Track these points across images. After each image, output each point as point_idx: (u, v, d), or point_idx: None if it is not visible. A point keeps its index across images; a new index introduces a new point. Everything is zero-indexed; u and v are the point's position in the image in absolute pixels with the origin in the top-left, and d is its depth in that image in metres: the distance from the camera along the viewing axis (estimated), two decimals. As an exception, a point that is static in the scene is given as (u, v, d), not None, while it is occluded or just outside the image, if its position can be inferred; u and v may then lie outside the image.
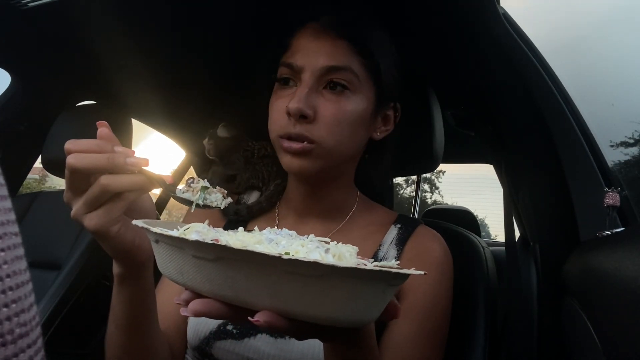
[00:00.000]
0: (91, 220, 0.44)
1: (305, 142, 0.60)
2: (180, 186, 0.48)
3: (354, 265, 0.32)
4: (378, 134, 0.70)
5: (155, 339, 0.57)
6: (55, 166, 1.29)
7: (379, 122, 0.70)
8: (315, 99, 0.61)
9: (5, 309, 0.16)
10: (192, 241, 0.32)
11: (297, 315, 0.33)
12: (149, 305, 0.54)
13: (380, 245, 0.68)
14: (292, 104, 0.59)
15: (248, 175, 0.80)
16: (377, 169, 0.74)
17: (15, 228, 0.18)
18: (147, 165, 0.44)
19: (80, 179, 0.44)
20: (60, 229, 1.23)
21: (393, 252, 0.67)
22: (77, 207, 0.44)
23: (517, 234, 0.90)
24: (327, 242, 0.39)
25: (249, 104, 0.77)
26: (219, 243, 0.31)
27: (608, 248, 0.50)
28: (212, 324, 0.63)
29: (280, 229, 0.43)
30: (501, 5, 0.77)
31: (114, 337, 0.54)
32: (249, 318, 0.33)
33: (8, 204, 0.18)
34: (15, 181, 1.38)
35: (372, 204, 0.77)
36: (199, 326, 0.64)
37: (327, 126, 0.60)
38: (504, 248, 0.88)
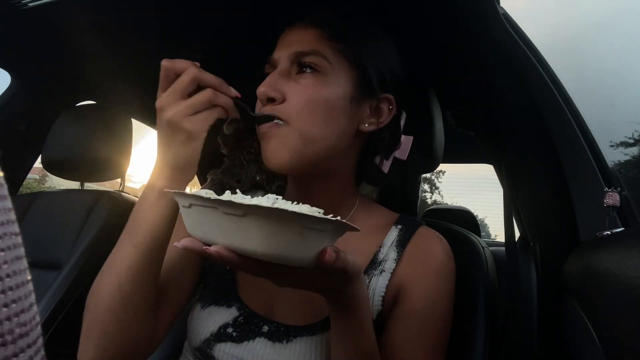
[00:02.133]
0: (192, 122, 0.53)
1: (274, 120, 0.60)
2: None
3: (260, 205, 0.38)
4: (366, 125, 0.66)
5: (159, 270, 0.59)
6: (55, 166, 1.29)
7: (366, 113, 0.66)
8: (284, 84, 0.61)
9: (5, 309, 0.16)
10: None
11: (238, 250, 0.40)
12: (171, 228, 0.57)
13: (380, 246, 0.67)
14: (258, 89, 0.61)
15: (253, 174, 0.80)
16: (362, 169, 0.72)
17: (15, 228, 0.18)
18: (239, 96, 0.58)
19: (190, 86, 0.53)
20: (60, 229, 1.23)
21: (393, 254, 0.66)
22: (178, 109, 0.52)
23: (517, 234, 0.90)
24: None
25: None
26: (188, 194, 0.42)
27: (608, 248, 0.50)
28: (213, 326, 0.63)
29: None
30: (501, 5, 0.77)
31: (125, 260, 0.55)
32: (204, 247, 0.41)
33: (8, 204, 0.18)
34: (15, 181, 1.38)
35: (373, 205, 0.75)
36: (201, 328, 0.64)
37: (296, 106, 0.60)
38: (504, 248, 0.88)
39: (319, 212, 0.42)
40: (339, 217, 0.43)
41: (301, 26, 0.65)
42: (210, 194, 0.42)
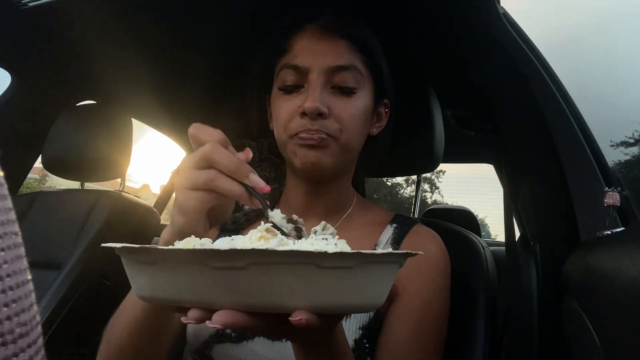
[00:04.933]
0: (185, 196, 0.46)
1: (324, 135, 0.62)
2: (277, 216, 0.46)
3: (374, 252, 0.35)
4: (374, 129, 0.72)
5: (170, 322, 0.55)
6: (55, 166, 1.29)
7: (374, 118, 0.72)
8: (327, 98, 0.63)
9: (5, 309, 0.16)
10: (214, 251, 0.31)
11: (330, 308, 0.34)
12: (173, 316, 0.52)
13: (376, 245, 0.68)
14: (309, 104, 0.61)
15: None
16: (369, 164, 0.76)
17: (15, 227, 0.18)
18: (264, 191, 0.46)
19: (198, 164, 0.45)
20: (60, 229, 1.23)
21: None
22: (183, 176, 0.46)
23: (517, 233, 0.90)
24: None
25: (246, 105, 0.77)
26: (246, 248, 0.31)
27: (608, 248, 0.50)
28: (211, 327, 0.63)
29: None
30: (501, 5, 0.77)
31: (132, 313, 0.52)
32: (290, 318, 0.33)
33: (8, 203, 0.18)
34: (15, 181, 1.38)
35: (368, 203, 0.77)
36: (199, 330, 0.64)
37: (341, 122, 0.63)
38: (504, 248, 0.88)
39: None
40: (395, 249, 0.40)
41: (329, 34, 0.65)
42: (205, 244, 0.35)
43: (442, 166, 1.65)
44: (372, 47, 0.67)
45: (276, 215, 0.46)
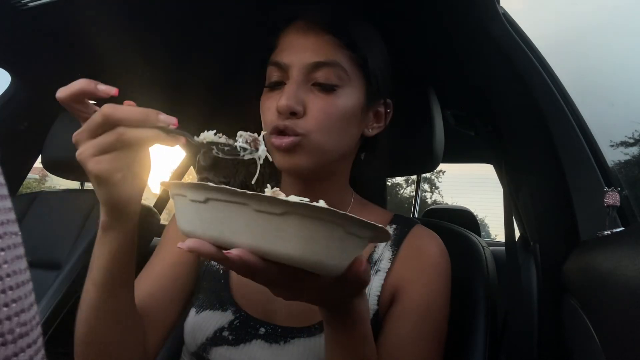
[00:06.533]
0: (97, 164, 0.44)
1: (293, 136, 0.59)
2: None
3: (305, 202, 0.35)
4: (370, 130, 0.69)
5: (127, 306, 0.55)
6: (55, 166, 1.29)
7: (370, 118, 0.68)
8: (304, 95, 0.60)
9: (5, 309, 0.16)
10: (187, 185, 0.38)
11: (268, 254, 0.36)
12: (128, 264, 0.52)
13: (375, 246, 0.67)
14: (281, 101, 0.59)
15: (241, 178, 0.80)
16: (370, 167, 0.73)
17: (15, 227, 0.18)
18: (175, 124, 0.46)
19: (102, 126, 0.44)
20: (60, 229, 1.23)
21: (388, 253, 0.66)
22: (85, 148, 0.45)
23: (517, 233, 0.90)
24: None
25: (244, 105, 0.77)
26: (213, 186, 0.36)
27: (608, 248, 0.50)
28: (209, 331, 0.63)
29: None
30: (501, 5, 0.77)
31: (88, 296, 0.52)
32: (224, 251, 0.36)
33: (8, 203, 0.18)
34: (15, 181, 1.38)
35: (367, 204, 0.76)
36: (196, 332, 0.63)
37: (315, 120, 0.60)
38: (504, 248, 0.88)
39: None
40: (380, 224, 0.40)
41: (312, 29, 0.63)
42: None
43: (442, 166, 1.65)
44: (361, 43, 0.63)
45: (208, 135, 0.48)
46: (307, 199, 0.36)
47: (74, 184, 1.43)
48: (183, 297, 0.67)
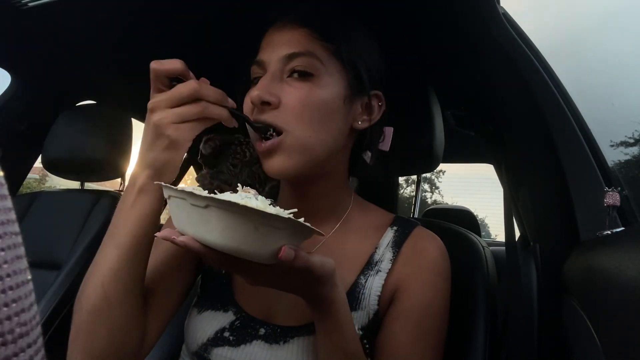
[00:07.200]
0: (177, 130, 0.52)
1: (274, 134, 0.59)
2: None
3: (216, 197, 0.40)
4: (359, 122, 0.67)
5: (142, 274, 0.58)
6: (55, 166, 1.29)
7: (358, 111, 0.67)
8: (278, 87, 0.60)
9: (5, 309, 0.16)
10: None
11: (202, 241, 0.42)
12: (153, 228, 0.56)
13: (376, 248, 0.67)
14: (252, 92, 0.60)
15: (244, 178, 0.80)
16: (375, 166, 0.72)
17: (15, 227, 0.18)
18: (235, 107, 0.57)
19: (187, 98, 0.52)
20: (60, 229, 1.23)
21: (389, 254, 0.66)
22: (165, 115, 0.52)
23: (517, 233, 0.90)
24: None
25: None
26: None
27: (608, 248, 0.50)
28: (210, 331, 0.63)
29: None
30: (501, 5, 0.77)
31: (107, 261, 0.55)
32: (173, 237, 0.42)
33: (8, 203, 0.18)
34: (15, 181, 1.38)
35: (367, 204, 0.75)
36: (197, 333, 0.64)
37: (292, 111, 0.59)
38: (504, 248, 0.88)
39: (283, 212, 0.42)
40: (302, 219, 0.44)
41: (288, 26, 0.63)
42: (198, 190, 0.43)
43: (442, 166, 1.65)
44: (336, 34, 0.63)
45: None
46: (286, 206, 0.43)
47: (74, 184, 1.43)
48: (184, 282, 0.67)
